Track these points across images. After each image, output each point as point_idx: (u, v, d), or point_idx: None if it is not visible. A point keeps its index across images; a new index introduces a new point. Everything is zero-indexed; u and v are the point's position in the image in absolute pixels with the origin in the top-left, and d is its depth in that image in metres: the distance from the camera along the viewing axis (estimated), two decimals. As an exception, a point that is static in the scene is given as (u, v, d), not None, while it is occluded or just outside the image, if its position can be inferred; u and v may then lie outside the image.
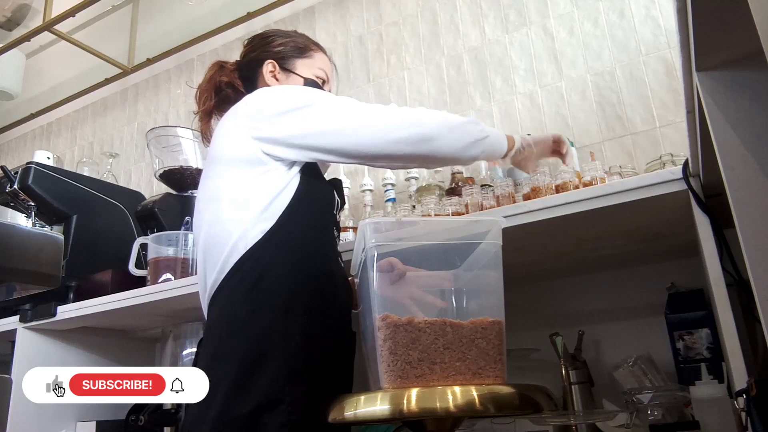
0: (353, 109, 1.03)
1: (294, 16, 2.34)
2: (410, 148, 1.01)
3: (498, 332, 0.82)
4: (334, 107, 1.04)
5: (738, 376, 0.85)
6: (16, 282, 1.48)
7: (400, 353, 0.78)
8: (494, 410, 0.74)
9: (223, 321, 0.97)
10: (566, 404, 1.32)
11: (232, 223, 0.98)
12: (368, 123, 1.01)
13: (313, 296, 0.98)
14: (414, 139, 1.01)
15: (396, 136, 1.00)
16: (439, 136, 1.02)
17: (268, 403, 0.88)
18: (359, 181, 1.85)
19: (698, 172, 0.94)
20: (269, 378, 0.89)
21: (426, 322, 0.80)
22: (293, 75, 1.22)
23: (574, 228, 1.17)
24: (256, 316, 0.93)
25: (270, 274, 0.96)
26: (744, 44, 0.57)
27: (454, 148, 1.04)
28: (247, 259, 0.96)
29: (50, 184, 1.87)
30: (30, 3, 3.08)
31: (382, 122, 1.02)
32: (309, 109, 1.02)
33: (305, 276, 0.98)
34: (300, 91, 1.10)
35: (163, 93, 2.78)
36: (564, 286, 1.55)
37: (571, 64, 1.75)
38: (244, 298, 0.95)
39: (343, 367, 1.03)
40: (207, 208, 1.05)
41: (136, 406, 1.69)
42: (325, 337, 0.98)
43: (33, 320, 1.72)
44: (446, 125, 1.04)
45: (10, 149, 3.37)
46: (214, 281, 0.98)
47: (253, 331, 0.93)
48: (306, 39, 1.29)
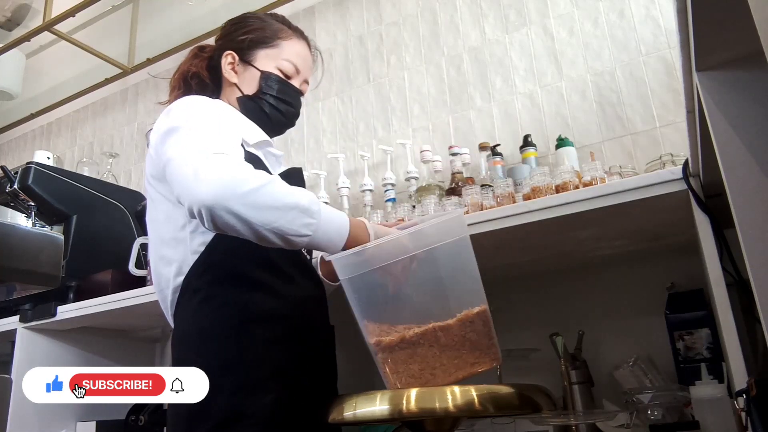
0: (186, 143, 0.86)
1: (294, 16, 2.34)
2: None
3: (485, 320, 0.82)
4: (184, 137, 0.87)
5: (738, 376, 0.85)
6: (16, 282, 1.48)
7: (401, 370, 0.79)
8: (494, 410, 0.74)
9: (182, 340, 0.94)
10: (566, 404, 1.32)
11: (173, 241, 0.95)
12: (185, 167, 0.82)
13: (268, 299, 0.93)
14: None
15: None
16: (259, 214, 0.78)
17: (231, 418, 0.85)
18: (359, 181, 1.85)
19: (698, 172, 0.94)
20: (228, 392, 0.86)
21: (417, 334, 0.80)
22: (251, 68, 1.10)
23: (574, 228, 1.17)
24: (210, 330, 0.91)
25: (219, 285, 0.92)
26: (744, 44, 0.57)
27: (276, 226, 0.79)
28: (193, 274, 0.93)
29: (50, 184, 1.87)
30: (30, 3, 3.08)
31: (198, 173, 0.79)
32: (176, 133, 0.89)
33: (256, 279, 0.94)
34: (177, 113, 0.93)
35: (163, 93, 2.77)
36: (564, 286, 1.55)
37: (571, 64, 1.75)
38: (196, 314, 0.92)
39: (323, 364, 1.00)
40: (150, 228, 1.03)
41: (136, 406, 1.69)
42: (294, 338, 0.94)
43: (33, 320, 1.72)
44: (276, 205, 0.79)
45: (10, 149, 3.37)
46: (171, 301, 0.97)
47: (208, 347, 0.90)
48: (278, 26, 1.15)
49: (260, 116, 1.09)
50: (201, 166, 0.78)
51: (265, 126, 1.08)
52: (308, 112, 2.19)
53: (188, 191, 0.78)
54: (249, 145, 0.99)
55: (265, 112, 1.09)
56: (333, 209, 0.84)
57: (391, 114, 2.04)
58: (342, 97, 2.18)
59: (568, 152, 1.53)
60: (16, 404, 1.39)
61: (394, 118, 2.03)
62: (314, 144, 2.18)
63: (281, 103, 1.10)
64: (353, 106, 2.14)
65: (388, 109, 2.05)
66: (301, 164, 2.11)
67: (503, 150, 1.68)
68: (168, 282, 0.96)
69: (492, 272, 0.96)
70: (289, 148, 2.20)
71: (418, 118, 1.98)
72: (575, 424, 1.29)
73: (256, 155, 0.99)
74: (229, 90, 1.12)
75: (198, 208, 0.76)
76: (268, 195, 0.77)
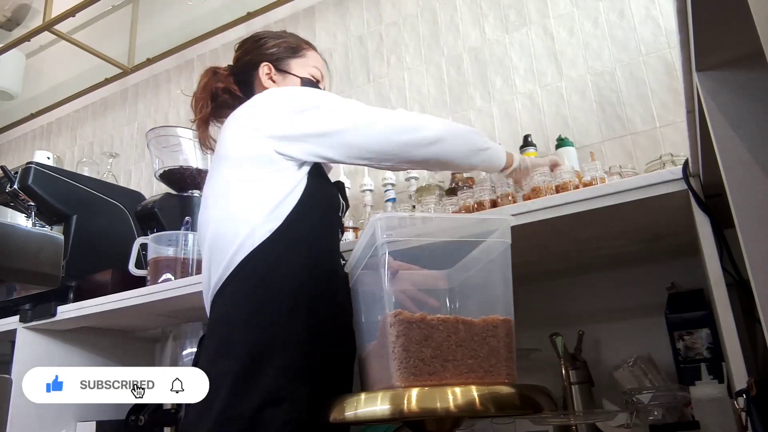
0: (362, 110, 1.07)
1: (294, 16, 2.34)
2: (416, 150, 1.05)
3: (508, 331, 0.82)
4: (345, 108, 1.06)
5: (738, 376, 0.85)
6: (16, 282, 1.48)
7: (413, 350, 0.77)
8: (494, 410, 0.74)
9: (228, 317, 0.97)
10: (566, 404, 1.32)
11: (241, 220, 0.99)
12: (378, 124, 1.05)
13: (318, 296, 0.98)
14: (421, 141, 1.05)
15: (403, 138, 1.04)
16: (444, 140, 1.06)
17: (272, 400, 0.88)
18: (359, 181, 1.85)
19: (698, 172, 0.93)
20: (273, 375, 0.89)
21: (439, 319, 0.79)
22: (290, 75, 1.24)
23: (574, 228, 1.17)
24: (261, 312, 0.94)
25: (276, 273, 0.96)
26: (744, 44, 0.57)
27: (458, 153, 1.09)
28: (253, 256, 0.96)
29: (50, 184, 1.87)
30: (30, 3, 3.08)
31: (391, 124, 1.05)
32: (321, 109, 1.04)
33: (312, 276, 0.99)
34: (310, 91, 1.12)
35: (163, 93, 2.78)
36: (564, 286, 1.55)
37: (571, 64, 1.75)
38: (250, 295, 0.95)
39: (345, 367, 1.03)
40: (215, 204, 1.05)
41: (136, 406, 1.69)
42: (329, 336, 0.98)
43: (33, 320, 1.72)
44: (451, 131, 1.09)
45: (10, 149, 3.37)
46: (219, 278, 0.99)
47: (258, 328, 0.93)
48: (297, 38, 1.30)
49: None
50: (408, 115, 1.08)
51: None
52: (308, 112, 2.19)
53: (413, 132, 1.04)
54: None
55: None
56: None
57: (391, 114, 2.04)
58: (342, 96, 2.17)
59: (568, 152, 1.53)
60: (16, 404, 1.39)
61: (394, 118, 2.03)
62: (314, 144, 2.18)
63: None
64: (353, 106, 2.14)
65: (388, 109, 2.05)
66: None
67: (503, 150, 1.68)
68: (223, 258, 0.98)
69: (492, 272, 0.96)
70: (289, 148, 2.19)
71: (418, 118, 1.98)
72: (575, 424, 1.29)
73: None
74: None
75: (434, 136, 1.04)
76: (458, 126, 1.14)
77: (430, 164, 1.13)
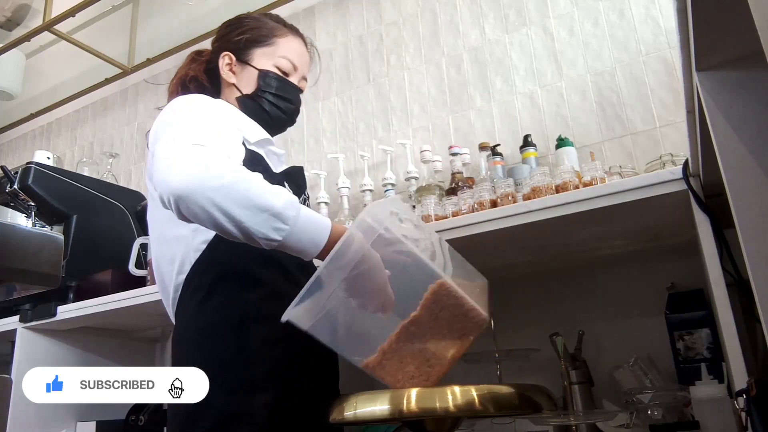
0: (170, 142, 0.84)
1: (294, 16, 2.34)
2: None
3: (446, 293, 0.77)
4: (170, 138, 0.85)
5: (738, 376, 0.85)
6: (16, 282, 1.48)
7: (400, 377, 0.78)
8: (494, 410, 0.74)
9: (182, 338, 0.95)
10: (566, 404, 1.32)
11: (175, 239, 0.95)
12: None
13: (269, 298, 0.93)
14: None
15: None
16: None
17: (227, 417, 0.86)
18: (359, 181, 1.85)
19: (698, 172, 0.94)
20: (226, 392, 0.86)
21: (392, 340, 0.78)
22: (248, 67, 1.11)
23: (574, 228, 1.17)
24: (211, 329, 0.91)
25: (221, 283, 0.92)
26: (744, 44, 0.58)
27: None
28: (195, 272, 0.93)
29: (50, 184, 1.87)
30: (30, 3, 3.08)
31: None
32: (159, 140, 0.86)
33: (258, 277, 0.94)
34: (164, 117, 0.93)
35: (163, 93, 2.77)
36: (564, 286, 1.55)
37: (571, 64, 1.75)
38: (197, 313, 0.92)
39: (323, 365, 0.98)
40: (151, 228, 1.03)
41: (136, 406, 1.69)
42: (294, 338, 0.90)
43: (33, 320, 1.72)
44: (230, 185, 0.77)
45: (10, 149, 3.37)
46: (173, 298, 0.97)
47: (209, 346, 0.90)
48: (273, 24, 1.16)
49: (261, 115, 1.09)
50: (176, 157, 0.77)
51: (266, 124, 1.09)
52: (308, 112, 2.20)
53: (161, 180, 0.76)
54: (250, 144, 0.99)
55: (265, 110, 1.10)
56: (315, 216, 0.80)
57: (391, 114, 2.04)
58: (342, 97, 2.18)
59: (568, 152, 1.53)
60: (16, 404, 1.39)
61: (394, 118, 2.03)
62: (314, 144, 2.18)
63: (281, 101, 1.11)
64: (353, 106, 2.14)
65: (388, 109, 2.05)
66: (301, 164, 2.11)
67: (503, 150, 1.68)
68: (170, 280, 0.96)
69: (492, 272, 0.96)
70: (289, 148, 2.20)
71: (418, 118, 1.98)
72: (575, 424, 1.29)
73: (258, 154, 1.00)
74: (228, 91, 1.13)
75: (168, 196, 0.75)
76: (240, 192, 0.74)
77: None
